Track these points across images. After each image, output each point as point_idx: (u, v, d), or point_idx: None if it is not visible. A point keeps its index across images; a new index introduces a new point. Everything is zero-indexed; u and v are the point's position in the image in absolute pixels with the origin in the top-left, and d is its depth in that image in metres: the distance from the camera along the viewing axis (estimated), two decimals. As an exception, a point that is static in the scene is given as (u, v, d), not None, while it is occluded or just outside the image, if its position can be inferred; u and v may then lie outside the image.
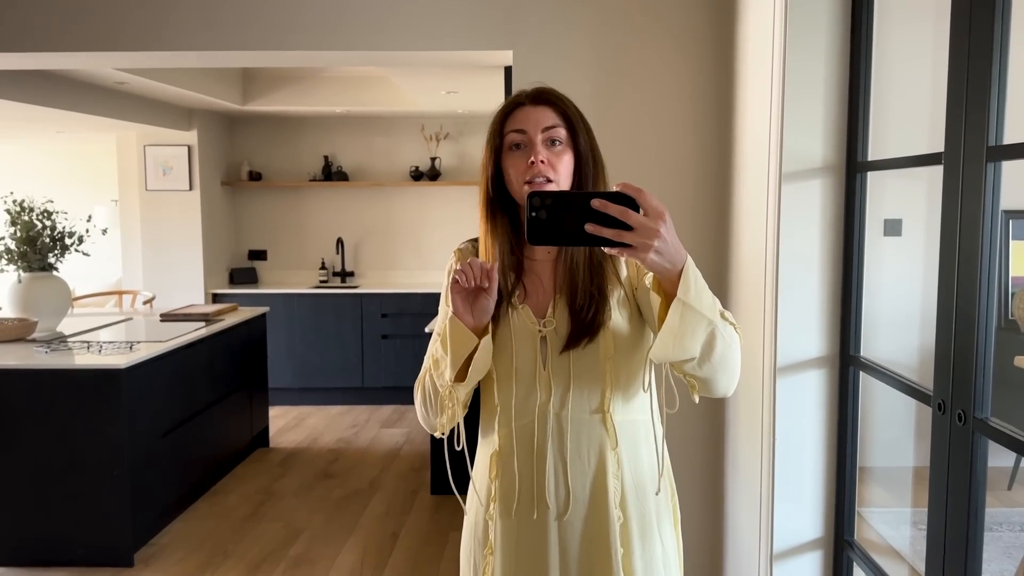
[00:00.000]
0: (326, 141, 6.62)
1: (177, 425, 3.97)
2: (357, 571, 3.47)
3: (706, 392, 1.26)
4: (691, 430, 2.79)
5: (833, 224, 2.12)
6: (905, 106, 2.39)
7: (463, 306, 1.29)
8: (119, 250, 6.62)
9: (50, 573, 3.45)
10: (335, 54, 2.90)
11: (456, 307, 1.29)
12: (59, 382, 3.46)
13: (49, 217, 4.06)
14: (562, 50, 2.72)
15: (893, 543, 2.88)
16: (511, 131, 1.36)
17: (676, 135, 2.72)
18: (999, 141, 1.44)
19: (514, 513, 1.38)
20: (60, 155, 7.79)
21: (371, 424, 5.81)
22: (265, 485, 4.54)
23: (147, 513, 3.69)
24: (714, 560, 2.80)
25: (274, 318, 6.02)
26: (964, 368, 1.51)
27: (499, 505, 1.39)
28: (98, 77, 4.65)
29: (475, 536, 1.44)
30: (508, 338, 1.37)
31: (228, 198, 6.58)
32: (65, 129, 6.17)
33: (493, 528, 1.40)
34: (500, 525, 1.39)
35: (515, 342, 1.36)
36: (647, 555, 1.38)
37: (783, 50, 2.08)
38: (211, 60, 3.10)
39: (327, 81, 5.95)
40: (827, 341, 2.14)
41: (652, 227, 1.05)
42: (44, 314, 4.08)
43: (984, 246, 1.45)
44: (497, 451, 1.40)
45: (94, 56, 2.99)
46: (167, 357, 3.84)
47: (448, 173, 6.58)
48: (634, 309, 1.38)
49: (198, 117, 6.10)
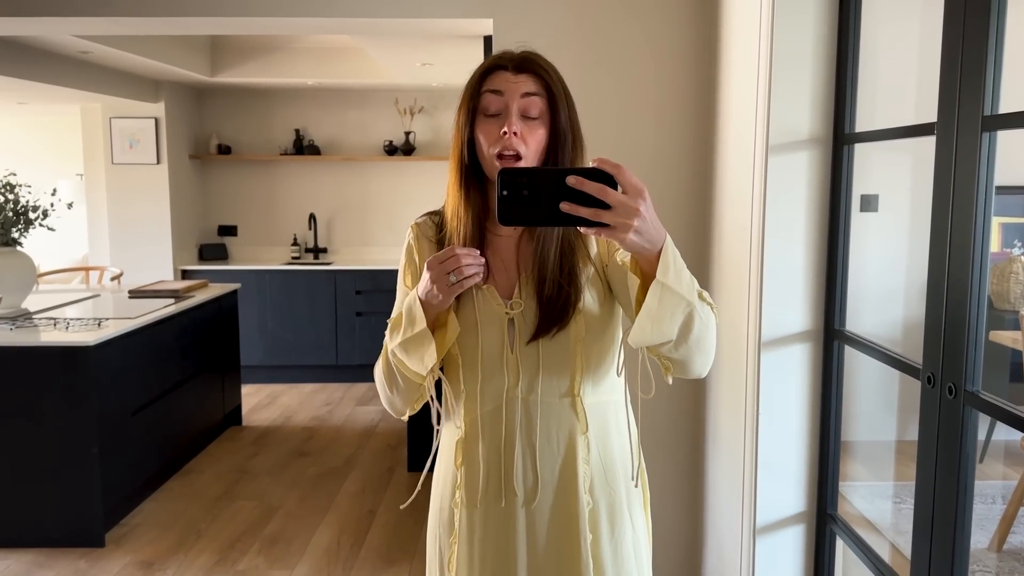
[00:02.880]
0: (298, 114, 6.49)
1: (147, 403, 3.89)
2: (334, 549, 3.43)
3: (680, 373, 1.22)
4: (668, 407, 2.77)
5: (819, 197, 2.09)
6: (893, 78, 2.36)
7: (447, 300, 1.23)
8: (85, 225, 6.47)
9: (19, 554, 3.37)
10: (307, 20, 2.81)
11: (443, 302, 1.22)
12: (25, 360, 3.36)
13: (12, 191, 3.93)
14: (544, 18, 2.66)
15: (871, 517, 2.90)
16: (488, 91, 1.28)
17: (659, 108, 2.68)
18: (995, 110, 1.41)
19: (479, 501, 1.33)
20: (23, 127, 7.57)
21: (346, 402, 5.75)
22: (238, 464, 4.48)
23: (118, 493, 3.62)
24: (693, 536, 2.80)
25: (245, 295, 5.93)
26: (955, 341, 1.49)
27: (465, 492, 1.35)
28: (61, 46, 4.49)
29: (440, 522, 1.40)
30: (473, 321, 1.31)
31: (197, 172, 6.44)
32: (27, 100, 5.99)
33: (459, 515, 1.36)
34: (466, 512, 1.35)
35: (481, 325, 1.30)
36: (616, 539, 1.34)
37: (770, 21, 2.04)
38: (177, 27, 2.99)
39: (299, 52, 5.82)
40: (812, 315, 2.13)
41: (631, 206, 0.99)
42: (8, 290, 3.97)
43: (977, 218, 1.43)
44: (463, 437, 1.35)
45: (52, 21, 2.87)
46: (136, 334, 3.75)
47: (423, 148, 6.49)
48: (604, 287, 1.33)
49: (165, 88, 5.95)
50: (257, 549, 3.43)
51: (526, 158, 1.26)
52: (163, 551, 3.41)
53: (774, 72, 2.05)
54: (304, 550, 3.42)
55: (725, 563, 2.46)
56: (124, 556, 3.37)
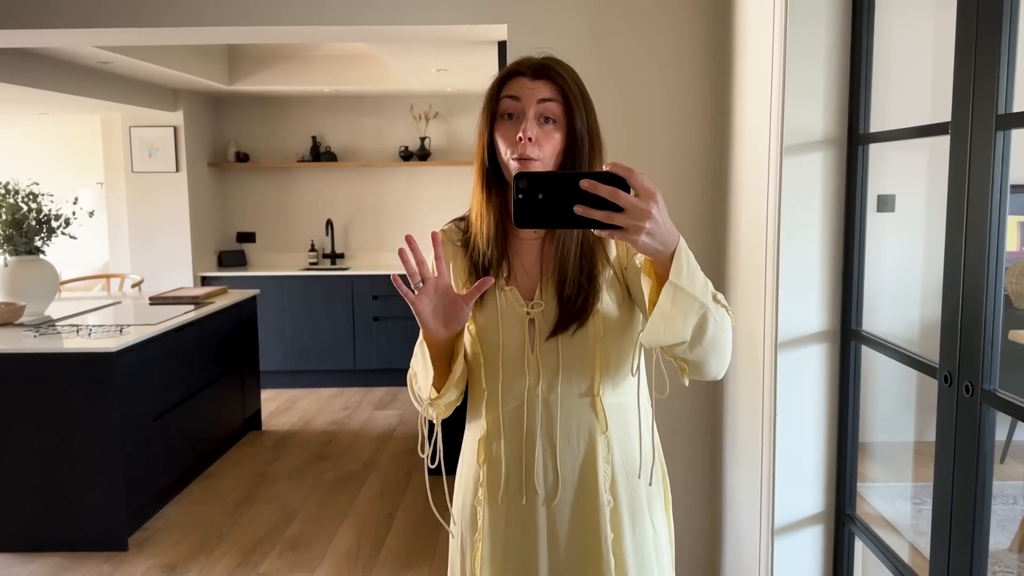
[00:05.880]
0: (314, 121, 6.54)
1: (169, 408, 3.93)
2: (353, 552, 3.46)
3: (696, 375, 1.23)
4: (687, 408, 2.78)
5: (834, 198, 2.10)
6: (907, 78, 2.36)
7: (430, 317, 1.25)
8: (106, 233, 6.54)
9: (45, 558, 3.42)
10: (323, 29, 2.84)
11: (422, 321, 1.25)
12: (49, 366, 3.41)
13: (35, 200, 3.99)
14: (558, 21, 2.67)
15: (890, 518, 2.89)
16: (506, 96, 1.31)
17: (673, 110, 2.69)
18: (1008, 109, 1.41)
19: (501, 499, 1.36)
20: (44, 138, 7.67)
21: (364, 406, 5.78)
22: (258, 468, 4.52)
23: (141, 497, 3.67)
24: (712, 537, 2.80)
25: (264, 301, 5.97)
26: (971, 340, 1.49)
27: (487, 490, 1.37)
28: (81, 56, 4.56)
29: (464, 520, 1.42)
30: (495, 321, 1.34)
31: (215, 180, 6.50)
32: (49, 110, 6.07)
33: (482, 513, 1.38)
34: (488, 510, 1.37)
35: (502, 325, 1.33)
36: (638, 539, 1.36)
37: (784, 21, 2.05)
38: (195, 36, 3.04)
39: (315, 60, 5.87)
40: (828, 315, 2.13)
41: (643, 208, 1.01)
42: (32, 298, 4.03)
43: (993, 216, 1.43)
44: (485, 436, 1.38)
45: (74, 33, 2.92)
46: (157, 340, 3.79)
47: (438, 153, 6.52)
48: (623, 289, 1.35)
49: (184, 97, 6.01)
50: (278, 552, 3.46)
51: (542, 162, 1.28)
52: (185, 555, 3.45)
53: (788, 72, 2.05)
54: (324, 553, 3.45)
55: (744, 563, 2.46)
56: (147, 560, 3.41)
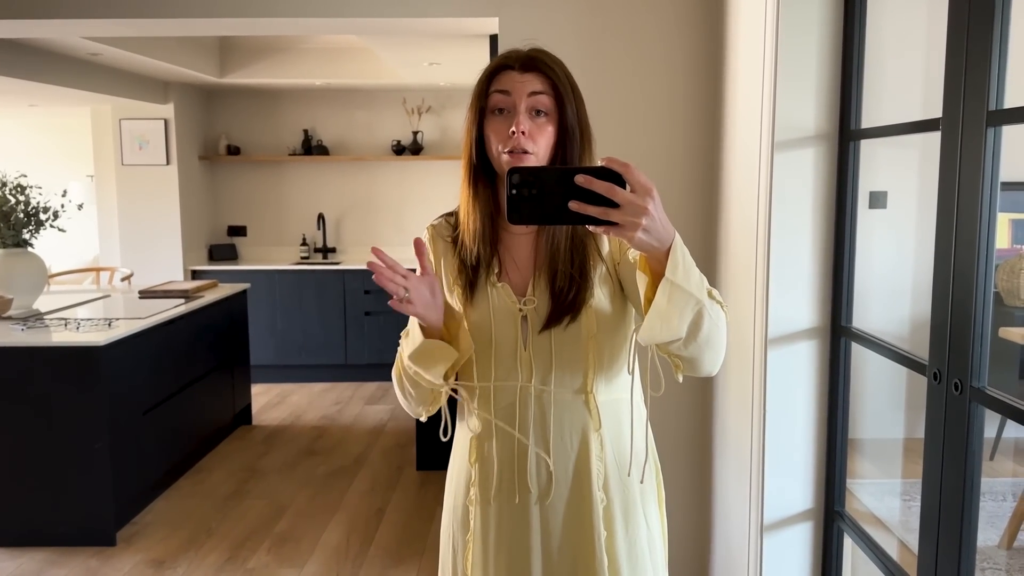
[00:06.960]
0: (306, 114, 6.51)
1: (158, 403, 3.91)
2: (343, 548, 3.45)
3: (691, 371, 1.22)
4: (676, 404, 2.77)
5: (825, 194, 2.09)
6: (898, 74, 2.36)
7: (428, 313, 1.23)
8: (95, 226, 6.50)
9: (33, 553, 3.40)
10: (314, 21, 2.82)
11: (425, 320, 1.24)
12: (37, 360, 3.39)
13: (23, 192, 3.96)
14: (550, 15, 2.66)
15: (879, 515, 2.89)
16: (495, 91, 1.29)
17: (665, 105, 2.68)
18: (999, 105, 1.40)
19: (493, 498, 1.34)
20: (33, 129, 7.61)
21: (355, 401, 5.77)
22: (248, 463, 4.50)
23: (129, 492, 3.65)
24: (701, 533, 2.80)
25: (255, 295, 5.95)
26: (961, 337, 1.49)
27: (479, 490, 1.36)
28: (71, 48, 4.52)
29: (455, 520, 1.41)
30: (487, 317, 1.32)
31: (206, 173, 6.47)
32: (38, 102, 6.02)
33: (474, 512, 1.37)
34: (480, 509, 1.36)
35: (495, 321, 1.32)
36: (631, 537, 1.35)
37: (776, 17, 2.04)
38: (185, 28, 3.01)
39: (307, 52, 5.84)
40: (819, 312, 2.12)
41: (640, 204, 0.99)
42: (20, 291, 4.00)
43: (983, 213, 1.43)
44: (477, 434, 1.36)
45: (63, 24, 2.89)
46: (146, 334, 3.77)
47: (430, 147, 6.50)
48: (616, 285, 1.33)
49: (174, 90, 5.98)
50: (267, 548, 3.45)
51: (536, 156, 1.27)
52: (173, 550, 3.44)
53: (780, 68, 2.04)
54: (313, 549, 3.44)
55: (733, 560, 2.46)
56: (135, 555, 3.39)
